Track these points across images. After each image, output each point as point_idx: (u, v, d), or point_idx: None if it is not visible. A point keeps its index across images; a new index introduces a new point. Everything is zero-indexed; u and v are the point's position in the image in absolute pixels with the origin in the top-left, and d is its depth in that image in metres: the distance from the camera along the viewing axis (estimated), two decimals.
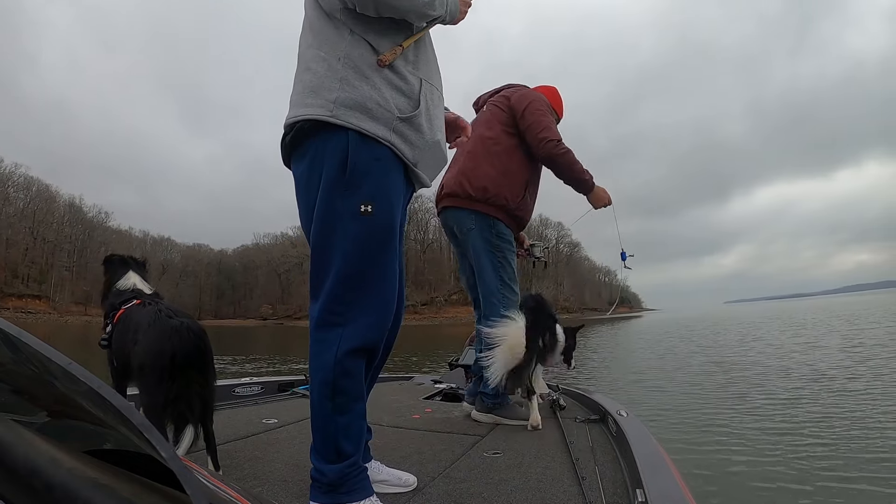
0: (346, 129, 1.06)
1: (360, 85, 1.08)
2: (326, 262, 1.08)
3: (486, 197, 2.16)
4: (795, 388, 5.83)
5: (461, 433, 1.90)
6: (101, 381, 0.24)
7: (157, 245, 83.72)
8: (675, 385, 6.56)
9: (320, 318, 1.08)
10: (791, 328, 16.64)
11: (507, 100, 2.25)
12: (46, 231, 71.10)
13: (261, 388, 2.73)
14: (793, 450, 3.49)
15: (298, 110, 1.10)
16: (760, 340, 12.67)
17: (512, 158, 2.20)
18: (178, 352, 1.33)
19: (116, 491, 0.23)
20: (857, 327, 14.56)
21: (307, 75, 1.11)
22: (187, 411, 1.35)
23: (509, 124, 2.23)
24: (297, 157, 1.14)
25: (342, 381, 1.06)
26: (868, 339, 10.93)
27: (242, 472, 1.40)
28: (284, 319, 77.52)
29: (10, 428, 0.24)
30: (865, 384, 5.80)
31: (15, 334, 0.25)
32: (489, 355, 1.99)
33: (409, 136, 1.12)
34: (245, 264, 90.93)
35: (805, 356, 8.85)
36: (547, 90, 2.41)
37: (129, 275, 1.73)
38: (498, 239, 2.18)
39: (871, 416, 4.34)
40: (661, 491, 1.05)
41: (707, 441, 3.83)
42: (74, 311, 68.24)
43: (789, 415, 4.56)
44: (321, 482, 1.05)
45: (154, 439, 0.23)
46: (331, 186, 1.07)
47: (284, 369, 9.79)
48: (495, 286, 2.16)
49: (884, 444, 3.49)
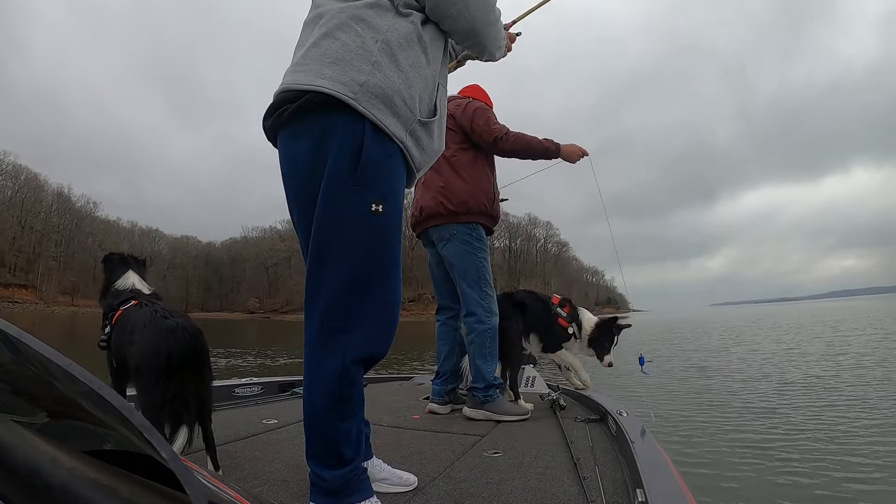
0: (363, 117, 0.97)
1: (392, 75, 0.99)
2: (331, 261, 0.99)
3: (468, 209, 2.29)
4: (791, 391, 5.83)
5: (461, 433, 1.90)
6: (101, 382, 0.24)
7: (145, 236, 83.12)
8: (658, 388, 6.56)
9: (323, 324, 0.99)
10: (774, 332, 16.64)
11: (453, 119, 2.37)
12: (34, 220, 70.58)
13: (261, 389, 2.73)
14: (792, 449, 3.49)
15: (311, 78, 0.97)
16: (756, 342, 12.65)
17: (476, 168, 2.36)
18: (173, 352, 1.32)
19: (116, 491, 0.23)
20: (842, 333, 14.49)
21: (331, 42, 0.99)
22: (184, 411, 1.35)
23: (462, 141, 2.37)
24: (294, 132, 1.02)
25: (347, 389, 1.00)
26: (857, 344, 10.93)
27: (242, 472, 1.40)
28: (272, 313, 77.25)
29: (11, 428, 0.24)
30: (857, 386, 5.80)
31: (15, 335, 0.25)
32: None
33: (422, 140, 1.08)
34: (233, 257, 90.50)
35: (798, 360, 8.85)
36: (473, 90, 2.57)
37: (128, 274, 1.72)
38: (478, 242, 2.31)
39: (871, 414, 4.35)
40: (661, 491, 1.05)
41: (703, 441, 3.83)
42: (61, 302, 67.85)
43: (788, 415, 4.56)
44: (322, 486, 1.02)
45: (154, 440, 0.23)
46: (340, 180, 0.97)
47: (270, 362, 9.80)
48: (478, 284, 2.27)
49: (884, 443, 3.49)
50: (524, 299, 2.55)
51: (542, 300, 2.58)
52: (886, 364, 7.42)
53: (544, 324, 2.53)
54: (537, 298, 2.59)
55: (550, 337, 2.55)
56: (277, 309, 79.54)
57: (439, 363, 2.42)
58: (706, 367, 8.28)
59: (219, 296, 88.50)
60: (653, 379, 7.04)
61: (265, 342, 15.49)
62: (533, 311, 2.53)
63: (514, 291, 2.62)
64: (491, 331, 2.25)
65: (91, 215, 78.52)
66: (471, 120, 2.34)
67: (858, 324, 18.70)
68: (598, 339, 2.51)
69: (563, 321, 2.51)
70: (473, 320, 2.25)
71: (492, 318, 2.27)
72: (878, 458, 3.22)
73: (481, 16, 1.10)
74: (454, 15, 1.06)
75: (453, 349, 2.39)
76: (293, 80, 1.01)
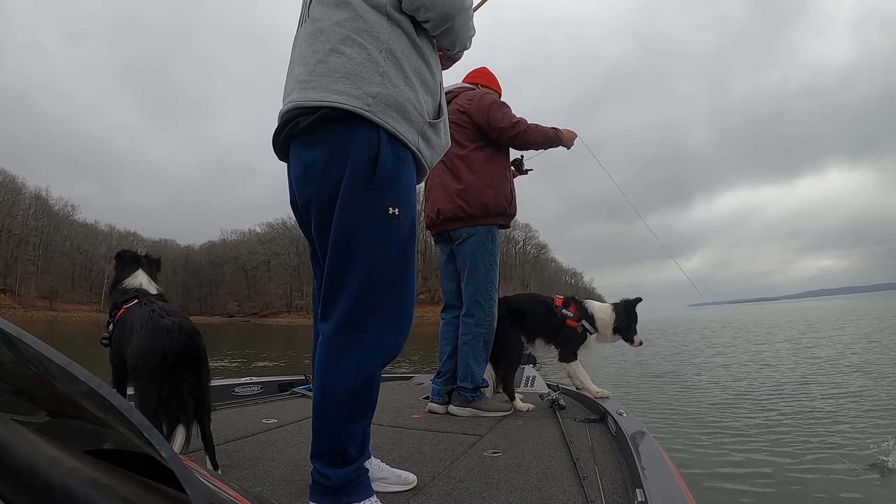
0: (378, 126, 1.01)
1: (400, 83, 1.04)
2: (350, 263, 1.02)
3: (487, 211, 2.27)
4: (790, 392, 5.83)
5: (461, 433, 1.90)
6: (101, 381, 0.24)
7: (123, 239, 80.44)
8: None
9: (341, 323, 1.02)
10: (770, 333, 16.64)
11: (468, 116, 2.33)
12: (12, 223, 68.92)
13: (260, 388, 2.73)
14: (791, 448, 3.49)
15: (323, 94, 1.01)
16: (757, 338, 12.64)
17: (493, 166, 2.32)
18: (168, 352, 1.32)
19: (116, 491, 0.23)
20: (820, 331, 14.42)
21: (337, 58, 1.02)
22: (180, 411, 1.34)
23: (478, 138, 2.32)
24: (306, 143, 1.05)
25: (361, 389, 1.02)
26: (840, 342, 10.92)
27: (242, 472, 1.40)
28: (251, 317, 76.72)
29: (11, 428, 0.24)
30: (849, 383, 5.80)
31: (15, 334, 0.25)
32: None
33: (431, 139, 1.12)
34: (212, 260, 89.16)
35: (798, 360, 8.85)
36: (481, 76, 2.51)
37: (137, 273, 1.72)
38: (492, 244, 2.30)
39: (868, 414, 4.35)
40: (661, 491, 1.05)
41: (696, 440, 3.83)
42: (40, 306, 66.62)
43: (788, 415, 4.56)
44: (323, 485, 1.02)
45: (154, 439, 0.23)
46: (358, 185, 1.00)
47: (244, 364, 9.79)
48: (484, 287, 2.27)
49: (884, 442, 3.49)
50: (521, 304, 2.50)
51: (544, 302, 2.53)
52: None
53: (550, 327, 2.48)
54: (538, 301, 2.55)
55: (563, 342, 2.46)
56: (257, 312, 79.37)
57: (441, 362, 2.40)
58: (705, 365, 8.29)
59: (198, 299, 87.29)
60: (651, 377, 7.05)
61: (246, 345, 15.35)
62: (534, 315, 2.48)
63: (510, 296, 2.57)
64: (487, 335, 2.26)
65: (69, 218, 77.05)
66: (487, 116, 2.28)
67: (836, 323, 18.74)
68: (623, 325, 2.47)
69: (571, 322, 2.45)
70: (472, 322, 2.26)
71: (490, 323, 2.27)
72: (878, 459, 3.21)
73: (454, 1, 1.10)
74: (427, 4, 1.07)
75: (456, 349, 2.38)
76: (305, 97, 1.03)
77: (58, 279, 71.32)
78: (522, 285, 71.96)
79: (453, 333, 2.41)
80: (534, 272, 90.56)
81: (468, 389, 2.22)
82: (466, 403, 2.22)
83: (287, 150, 1.12)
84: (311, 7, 1.11)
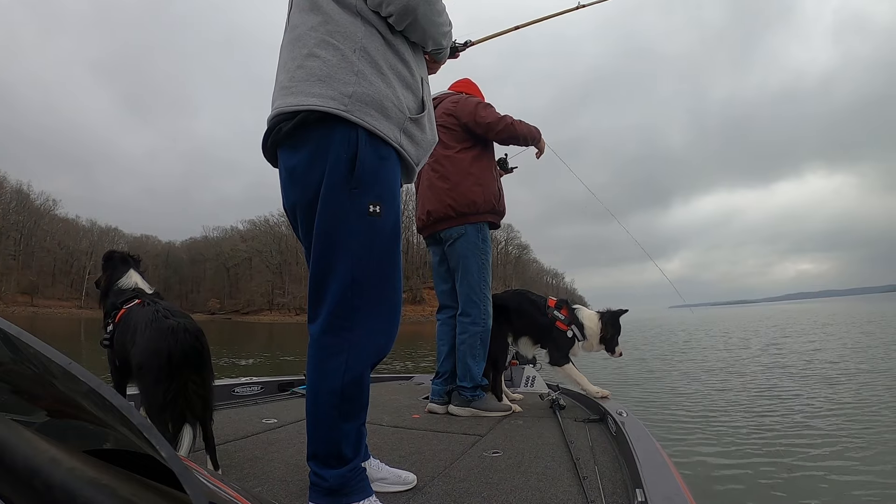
0: (356, 125, 1.01)
1: (376, 81, 1.04)
2: (332, 263, 1.02)
3: (477, 209, 2.31)
4: (791, 391, 5.83)
5: (461, 433, 1.90)
6: (100, 381, 0.24)
7: (104, 235, 79.46)
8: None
9: (327, 323, 1.02)
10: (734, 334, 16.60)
11: (455, 118, 2.38)
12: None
13: (260, 388, 2.73)
14: (791, 448, 3.49)
15: (302, 99, 1.02)
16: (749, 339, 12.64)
17: (480, 165, 2.37)
18: (174, 352, 1.33)
19: (116, 491, 0.23)
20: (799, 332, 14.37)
21: (313, 62, 1.03)
22: (186, 411, 1.35)
23: (464, 139, 2.38)
24: (290, 147, 1.06)
25: (351, 389, 1.02)
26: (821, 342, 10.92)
27: (242, 472, 1.40)
28: (233, 314, 76.16)
29: (10, 428, 0.24)
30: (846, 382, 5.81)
31: (15, 334, 0.25)
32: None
33: (415, 135, 1.12)
34: (193, 257, 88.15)
35: (797, 358, 8.85)
36: (465, 85, 2.58)
37: (130, 273, 1.73)
38: (483, 243, 2.33)
39: (868, 414, 4.35)
40: (661, 491, 1.05)
41: (693, 440, 3.83)
42: (20, 302, 65.50)
43: (787, 415, 4.56)
44: (321, 486, 1.03)
45: (154, 439, 0.23)
46: (337, 184, 1.01)
47: (230, 363, 9.80)
48: (478, 286, 2.29)
49: (885, 440, 3.49)
50: (508, 301, 2.49)
51: (535, 302, 2.50)
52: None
53: (539, 327, 2.46)
54: (528, 300, 2.52)
55: (553, 344, 2.44)
56: (238, 310, 78.94)
57: (439, 363, 2.42)
58: (700, 365, 8.29)
59: (179, 296, 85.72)
60: (651, 379, 7.05)
61: (227, 342, 15.26)
62: (522, 314, 2.47)
63: (497, 293, 2.54)
64: (483, 333, 2.28)
65: (50, 213, 75.70)
66: (474, 115, 2.34)
67: (857, 324, 18.71)
68: (608, 335, 2.47)
69: (561, 325, 2.43)
70: (468, 321, 2.28)
71: (486, 321, 2.29)
72: (879, 458, 3.21)
73: None
74: (404, 18, 1.06)
75: (453, 349, 2.39)
76: (285, 103, 1.04)
77: (39, 275, 70.33)
78: (504, 285, 72.14)
79: (450, 334, 2.42)
80: (515, 273, 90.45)
81: (467, 388, 2.25)
82: (466, 403, 2.24)
83: (276, 156, 1.12)
84: (290, 14, 1.12)
